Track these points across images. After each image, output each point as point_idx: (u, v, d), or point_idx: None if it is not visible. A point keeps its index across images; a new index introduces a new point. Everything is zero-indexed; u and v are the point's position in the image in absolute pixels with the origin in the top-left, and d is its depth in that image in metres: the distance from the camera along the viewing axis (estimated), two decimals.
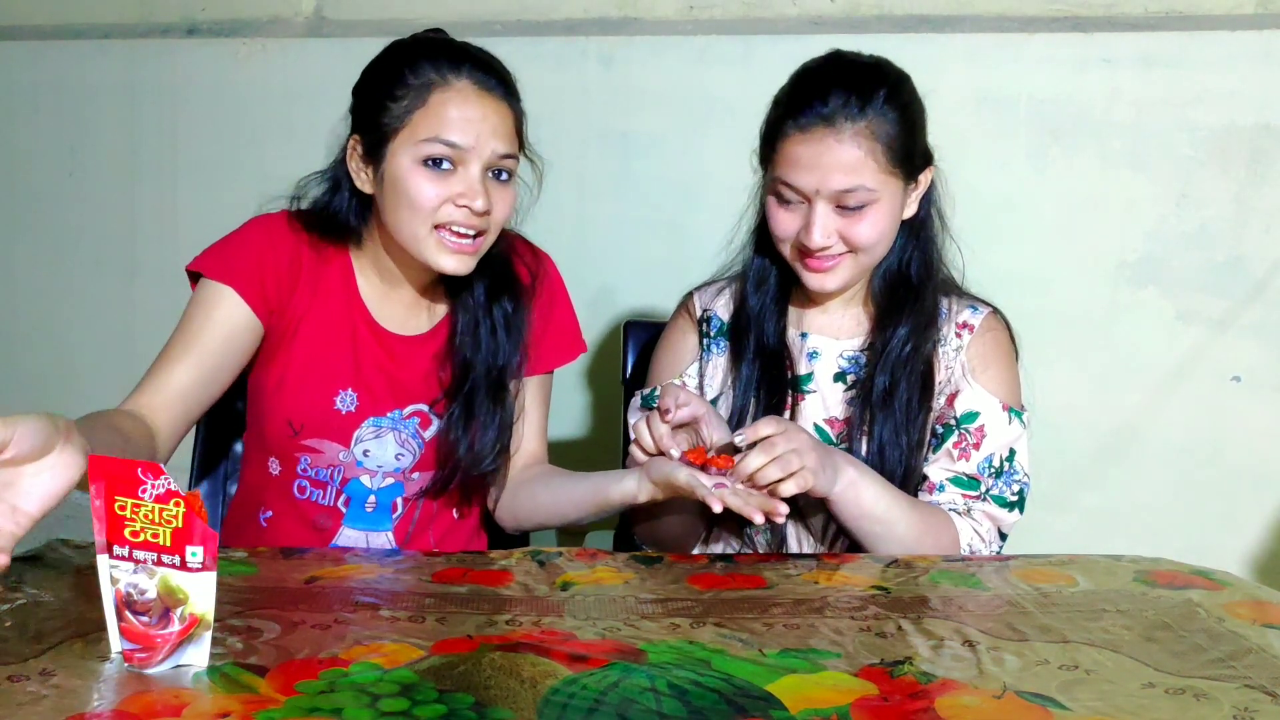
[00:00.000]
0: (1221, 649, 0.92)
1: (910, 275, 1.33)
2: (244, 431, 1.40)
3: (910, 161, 1.27)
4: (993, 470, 1.30)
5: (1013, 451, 1.31)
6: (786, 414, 1.34)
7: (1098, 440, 2.03)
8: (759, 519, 1.10)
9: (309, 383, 1.29)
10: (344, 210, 1.30)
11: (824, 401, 1.35)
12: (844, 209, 1.24)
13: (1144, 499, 2.01)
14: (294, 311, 1.29)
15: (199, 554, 0.81)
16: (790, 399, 1.35)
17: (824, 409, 1.35)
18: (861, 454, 1.30)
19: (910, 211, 1.31)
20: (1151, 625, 0.98)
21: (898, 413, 1.30)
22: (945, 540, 1.26)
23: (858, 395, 1.33)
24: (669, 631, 0.94)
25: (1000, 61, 1.98)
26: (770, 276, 1.37)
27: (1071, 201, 1.98)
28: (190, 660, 0.83)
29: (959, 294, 1.38)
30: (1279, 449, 1.95)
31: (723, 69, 2.06)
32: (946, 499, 1.30)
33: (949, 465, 1.30)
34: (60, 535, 1.09)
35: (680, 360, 1.43)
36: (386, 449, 1.32)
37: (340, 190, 1.30)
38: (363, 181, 1.27)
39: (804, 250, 1.27)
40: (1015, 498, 1.31)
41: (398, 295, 1.34)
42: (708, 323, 1.41)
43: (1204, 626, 0.97)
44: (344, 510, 1.33)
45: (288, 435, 1.30)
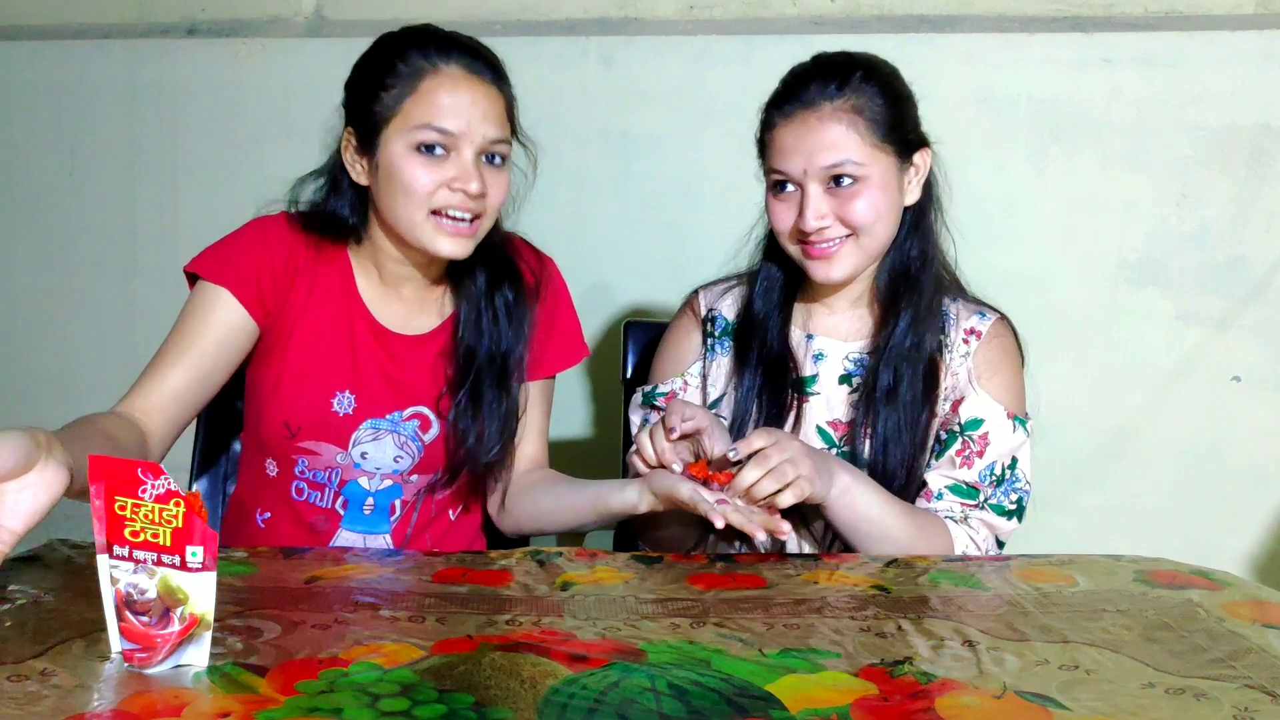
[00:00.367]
0: (1222, 649, 0.92)
1: (909, 266, 1.33)
2: (242, 431, 1.40)
3: (898, 136, 1.27)
4: (994, 478, 1.30)
5: (1015, 460, 1.31)
6: (790, 418, 1.34)
7: (1098, 440, 2.02)
8: (761, 536, 1.11)
9: (306, 384, 1.29)
10: (341, 207, 1.30)
11: (828, 404, 1.35)
12: (836, 189, 1.24)
13: (1144, 499, 2.01)
14: (290, 313, 1.29)
15: (199, 554, 0.81)
16: (794, 402, 1.35)
17: (828, 411, 1.35)
18: (864, 453, 1.30)
19: (912, 198, 1.31)
20: (1151, 625, 0.98)
21: (901, 408, 1.30)
22: (939, 546, 1.26)
23: (861, 393, 1.33)
24: (669, 631, 0.94)
25: (1000, 61, 1.97)
26: (778, 286, 1.37)
27: (1071, 201, 1.98)
28: (190, 660, 0.83)
29: (966, 299, 1.37)
30: (1279, 449, 1.95)
31: (723, 69, 2.06)
32: (944, 506, 1.29)
33: (949, 472, 1.30)
34: (60, 535, 1.09)
35: (683, 359, 1.42)
36: (385, 451, 1.32)
37: (337, 187, 1.30)
38: (358, 173, 1.27)
39: (804, 239, 1.27)
40: (1014, 506, 1.30)
41: (399, 294, 1.34)
42: (712, 322, 1.41)
43: (1204, 626, 0.97)
44: (342, 512, 1.33)
45: (285, 437, 1.30)
